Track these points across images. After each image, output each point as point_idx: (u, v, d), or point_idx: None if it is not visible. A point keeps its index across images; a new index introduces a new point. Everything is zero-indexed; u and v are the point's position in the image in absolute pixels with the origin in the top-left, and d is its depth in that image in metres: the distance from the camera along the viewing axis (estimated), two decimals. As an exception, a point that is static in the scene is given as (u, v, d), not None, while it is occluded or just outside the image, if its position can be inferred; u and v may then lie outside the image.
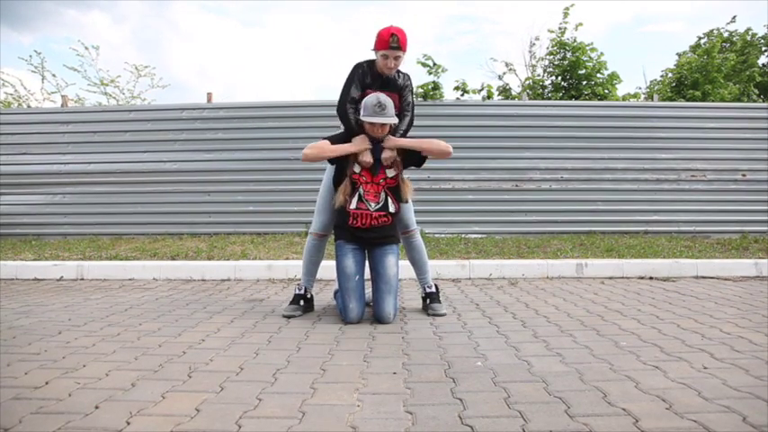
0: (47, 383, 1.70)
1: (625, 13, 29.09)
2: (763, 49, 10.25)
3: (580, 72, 8.04)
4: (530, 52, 9.24)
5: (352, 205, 2.66)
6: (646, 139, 6.14)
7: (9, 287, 3.84)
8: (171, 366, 1.89)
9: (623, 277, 4.09)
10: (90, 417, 1.43)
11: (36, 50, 21.44)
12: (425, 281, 2.91)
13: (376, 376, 1.76)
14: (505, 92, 8.06)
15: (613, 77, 8.04)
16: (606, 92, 8.01)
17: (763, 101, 9.09)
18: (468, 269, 4.16)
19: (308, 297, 2.86)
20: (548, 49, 8.57)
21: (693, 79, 8.35)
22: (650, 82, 10.31)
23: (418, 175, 5.89)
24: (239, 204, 6.11)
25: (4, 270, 4.28)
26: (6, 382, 1.72)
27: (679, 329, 2.40)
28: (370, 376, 1.76)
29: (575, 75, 8.09)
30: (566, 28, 8.29)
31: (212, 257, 4.59)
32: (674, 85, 8.70)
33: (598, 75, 8.03)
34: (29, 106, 9.53)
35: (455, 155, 6.79)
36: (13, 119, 6.42)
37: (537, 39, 9.07)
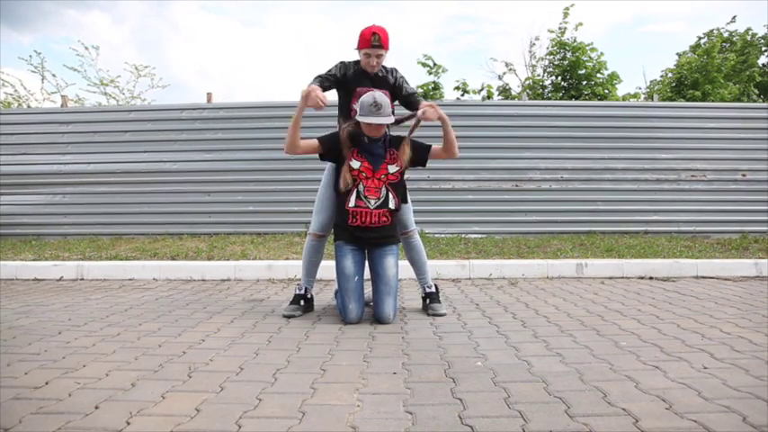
0: (47, 383, 1.70)
1: (625, 13, 29.10)
2: (763, 49, 10.26)
3: (580, 72, 8.05)
4: (530, 52, 9.27)
5: (350, 203, 2.63)
6: (646, 139, 6.14)
7: (9, 287, 3.84)
8: (171, 366, 1.89)
9: (623, 277, 4.09)
10: (90, 417, 1.43)
11: (36, 50, 21.50)
12: (425, 281, 2.91)
13: (376, 376, 1.76)
14: (505, 92, 8.07)
15: (613, 77, 8.06)
16: (606, 92, 8.02)
17: (763, 101, 9.09)
18: (468, 269, 4.16)
19: (308, 297, 2.86)
20: (548, 49, 8.60)
21: (693, 79, 8.36)
22: (650, 82, 10.34)
23: (418, 176, 5.89)
24: (239, 204, 6.11)
25: (4, 270, 4.28)
26: (6, 382, 1.72)
27: (679, 329, 2.40)
28: (370, 376, 1.76)
29: (575, 75, 8.10)
30: (566, 28, 8.31)
31: (212, 257, 4.59)
32: (674, 85, 8.72)
33: (598, 75, 8.04)
34: (29, 106, 9.54)
35: (455, 155, 6.72)
36: (13, 119, 6.42)
37: (537, 39, 9.11)
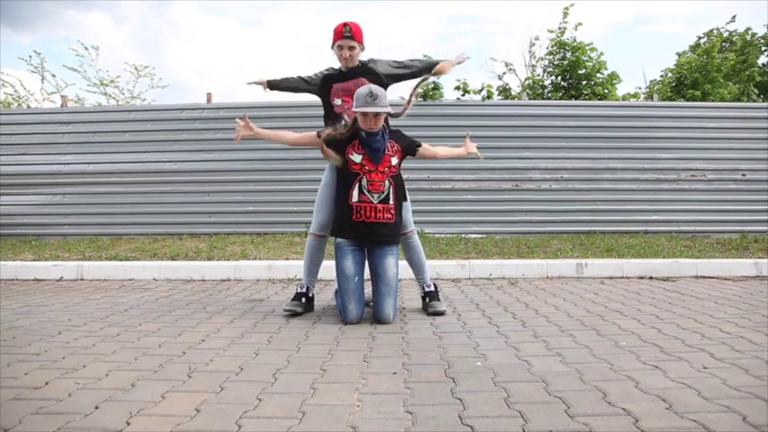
0: (47, 384, 1.70)
1: (625, 12, 29.11)
2: (763, 48, 10.25)
3: (580, 72, 8.04)
4: (530, 52, 9.25)
5: (354, 198, 2.61)
6: (646, 139, 6.15)
7: (9, 287, 3.84)
8: (171, 366, 1.89)
9: (623, 277, 4.09)
10: (90, 417, 1.43)
11: (36, 51, 21.50)
12: (424, 280, 2.91)
13: (376, 376, 1.76)
14: (505, 92, 8.06)
15: (613, 77, 8.04)
16: (606, 92, 8.01)
17: (763, 101, 9.08)
18: (468, 269, 4.16)
19: (309, 296, 2.86)
20: (547, 49, 8.58)
21: (693, 79, 8.35)
22: (650, 82, 10.32)
23: (418, 176, 5.89)
24: (239, 204, 6.12)
25: (4, 270, 4.28)
26: (6, 382, 1.72)
27: (679, 329, 2.40)
28: (370, 376, 1.76)
29: (574, 75, 8.09)
30: (565, 28, 8.30)
31: (212, 257, 4.59)
32: (674, 84, 8.71)
33: (598, 75, 8.03)
34: (29, 106, 9.54)
35: (455, 155, 6.70)
36: (13, 119, 6.42)
37: (537, 39, 9.08)
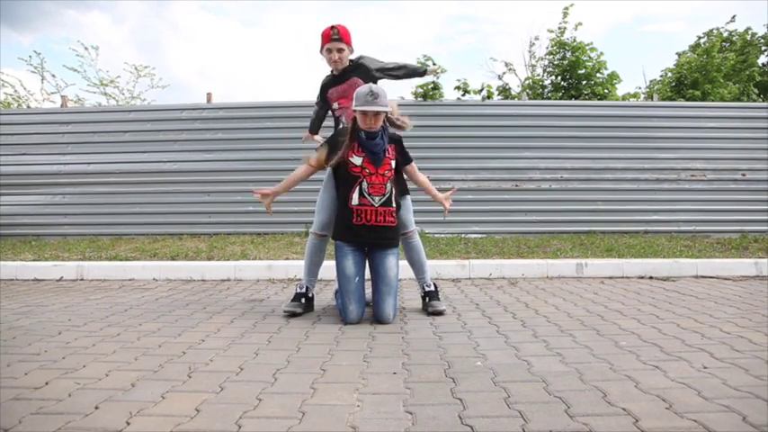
0: (47, 384, 1.70)
1: (625, 12, 29.13)
2: (763, 48, 10.26)
3: (580, 72, 8.05)
4: (529, 52, 9.26)
5: (354, 201, 2.62)
6: (646, 139, 6.15)
7: (9, 287, 3.84)
8: (171, 366, 1.89)
9: (623, 277, 4.09)
10: (90, 417, 1.43)
11: (36, 51, 21.52)
12: (424, 280, 2.91)
13: (376, 376, 1.76)
14: (505, 92, 8.06)
15: (613, 77, 8.05)
16: (606, 92, 8.01)
17: (763, 101, 9.09)
18: (468, 269, 4.16)
19: (309, 296, 2.86)
20: (547, 48, 8.59)
21: (693, 79, 8.35)
22: (650, 82, 10.33)
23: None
24: (239, 204, 6.11)
25: (4, 270, 4.28)
26: (6, 382, 1.72)
27: (679, 329, 2.40)
28: (370, 376, 1.76)
29: (574, 75, 8.09)
30: (565, 28, 8.30)
31: (212, 258, 4.59)
32: (674, 84, 8.71)
33: (598, 74, 8.04)
34: (29, 106, 9.54)
35: (455, 155, 6.78)
36: (13, 119, 6.42)
37: (537, 39, 9.09)
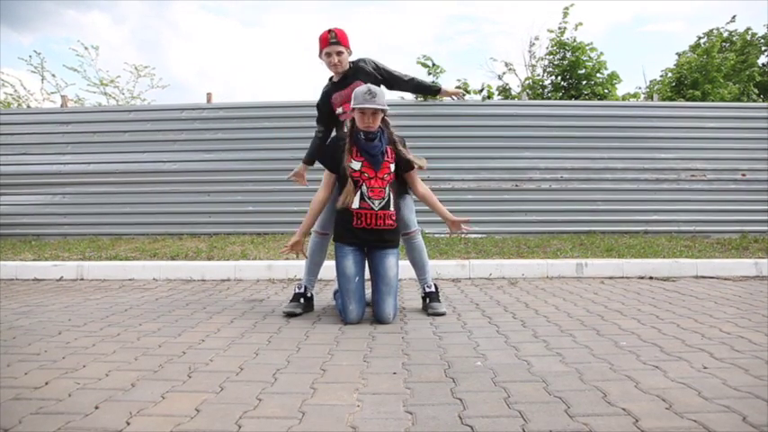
0: (47, 384, 1.70)
1: (625, 12, 29.15)
2: (763, 48, 10.26)
3: (580, 72, 8.05)
4: (529, 52, 9.26)
5: (354, 204, 2.62)
6: (646, 139, 6.14)
7: (9, 287, 3.84)
8: (171, 366, 1.89)
9: (623, 277, 4.09)
10: (90, 417, 1.43)
11: (36, 50, 21.54)
12: (425, 281, 2.91)
13: (376, 376, 1.76)
14: (505, 92, 8.07)
15: (613, 77, 8.05)
16: (606, 92, 8.02)
17: (763, 101, 9.09)
18: (468, 269, 4.16)
19: (308, 296, 2.86)
20: (547, 48, 8.59)
21: (693, 79, 8.36)
22: (650, 82, 10.32)
23: (418, 175, 5.88)
24: (239, 204, 6.11)
25: (4, 270, 4.28)
26: (6, 382, 1.72)
27: (679, 329, 2.40)
28: (370, 376, 1.76)
29: (574, 75, 8.10)
30: (565, 28, 8.30)
31: (212, 257, 4.59)
32: (674, 84, 8.71)
33: (598, 75, 8.04)
34: (29, 106, 9.54)
35: (455, 155, 6.76)
36: (13, 119, 6.42)
37: (537, 39, 9.09)
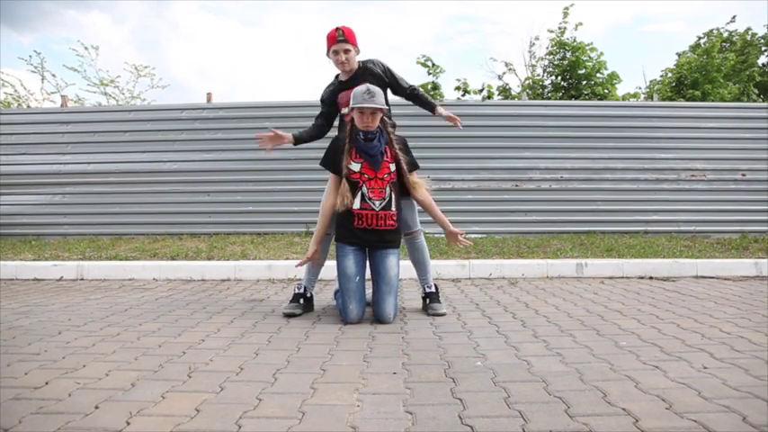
0: (47, 383, 1.70)
1: (625, 13, 29.15)
2: (763, 48, 10.27)
3: (580, 72, 8.05)
4: (529, 52, 9.27)
5: (355, 205, 2.63)
6: (646, 139, 6.14)
7: (9, 287, 3.84)
8: (171, 366, 1.89)
9: (623, 277, 4.09)
10: (90, 417, 1.43)
11: (36, 50, 21.56)
12: (426, 281, 2.91)
13: (376, 376, 1.76)
14: (505, 92, 8.07)
15: (613, 77, 8.05)
16: (606, 92, 8.02)
17: (763, 101, 9.09)
18: (468, 269, 4.16)
19: (307, 296, 2.86)
20: (547, 48, 8.60)
21: (693, 79, 8.36)
22: (650, 82, 10.34)
23: (418, 175, 5.88)
24: (239, 204, 6.11)
25: (4, 270, 4.28)
26: (6, 382, 1.72)
27: (679, 329, 2.40)
28: (370, 376, 1.76)
29: (574, 75, 8.10)
30: (565, 28, 8.31)
31: (212, 257, 4.59)
32: (674, 84, 8.71)
33: (598, 75, 8.04)
34: (29, 106, 9.55)
35: (455, 155, 6.76)
36: (13, 119, 6.42)
37: (537, 39, 9.10)
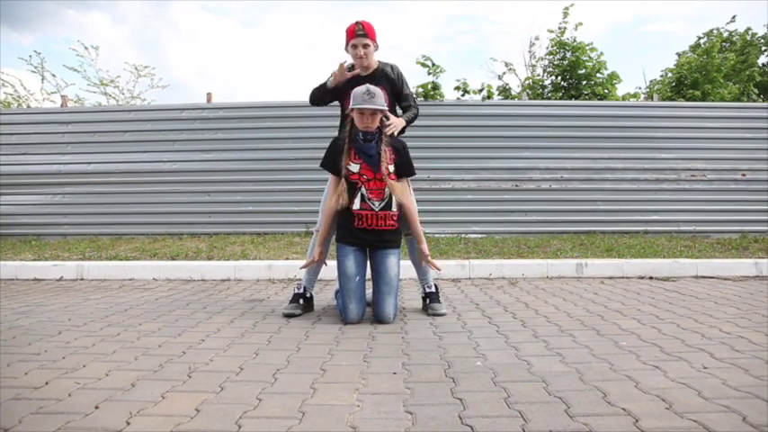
0: (47, 383, 1.70)
1: (625, 12, 29.15)
2: (763, 48, 10.26)
3: (580, 72, 8.04)
4: (529, 52, 9.26)
5: (355, 206, 2.63)
6: (646, 139, 6.15)
7: (9, 287, 3.84)
8: (171, 366, 1.89)
9: (623, 277, 4.09)
10: (90, 417, 1.43)
11: (36, 50, 21.53)
12: (426, 281, 2.91)
13: (376, 376, 1.76)
14: (505, 92, 8.06)
15: (613, 77, 8.04)
16: (606, 92, 8.01)
17: (763, 101, 9.09)
18: (468, 269, 4.16)
19: (307, 297, 2.86)
20: (547, 48, 8.58)
21: (693, 79, 8.35)
22: (650, 82, 10.33)
23: (418, 175, 5.88)
24: (239, 204, 6.12)
25: (4, 270, 4.28)
26: (6, 382, 1.72)
27: (679, 329, 2.40)
28: (370, 376, 1.76)
29: (574, 75, 8.09)
30: (565, 28, 8.29)
31: (212, 257, 4.59)
32: (674, 84, 8.71)
33: (598, 75, 8.03)
34: (29, 106, 9.53)
35: (455, 155, 6.76)
36: (13, 119, 6.42)
37: (537, 39, 9.09)
